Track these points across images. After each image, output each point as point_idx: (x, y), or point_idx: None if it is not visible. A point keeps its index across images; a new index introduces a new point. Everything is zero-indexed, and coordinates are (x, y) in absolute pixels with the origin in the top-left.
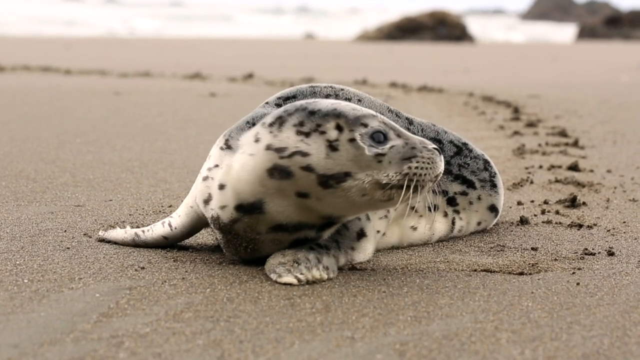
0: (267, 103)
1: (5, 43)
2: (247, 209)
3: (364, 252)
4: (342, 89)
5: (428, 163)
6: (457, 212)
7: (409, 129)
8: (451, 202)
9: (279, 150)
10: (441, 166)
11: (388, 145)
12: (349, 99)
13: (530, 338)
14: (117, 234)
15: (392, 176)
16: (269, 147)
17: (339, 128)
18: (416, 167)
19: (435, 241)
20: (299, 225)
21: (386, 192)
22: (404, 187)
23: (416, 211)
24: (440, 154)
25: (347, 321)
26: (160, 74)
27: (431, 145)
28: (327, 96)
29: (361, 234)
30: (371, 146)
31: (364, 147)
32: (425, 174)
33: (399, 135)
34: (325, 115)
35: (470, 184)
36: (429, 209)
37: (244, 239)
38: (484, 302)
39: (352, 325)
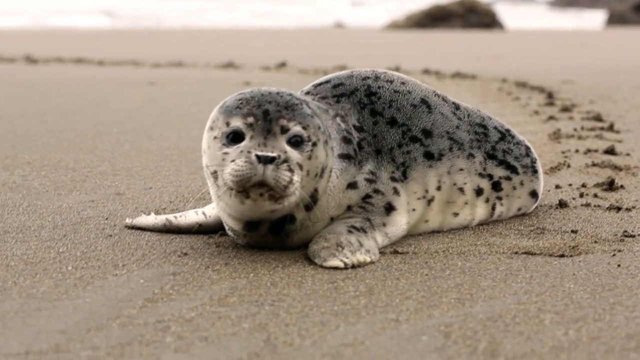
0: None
1: (36, 35)
2: None
3: (396, 225)
4: (385, 72)
5: (239, 169)
6: (500, 198)
7: (455, 114)
8: (496, 186)
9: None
10: (259, 172)
11: (234, 147)
12: (391, 81)
13: (574, 319)
14: (147, 220)
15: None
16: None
17: (218, 125)
18: (228, 172)
19: (474, 226)
20: (250, 223)
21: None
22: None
23: (463, 193)
24: (261, 162)
25: (391, 304)
26: (193, 63)
27: (256, 152)
28: (365, 79)
29: (389, 208)
30: (224, 145)
31: (219, 145)
32: (234, 180)
33: (252, 138)
34: (217, 111)
35: (514, 170)
36: (476, 193)
37: None
38: (527, 284)
39: (396, 307)
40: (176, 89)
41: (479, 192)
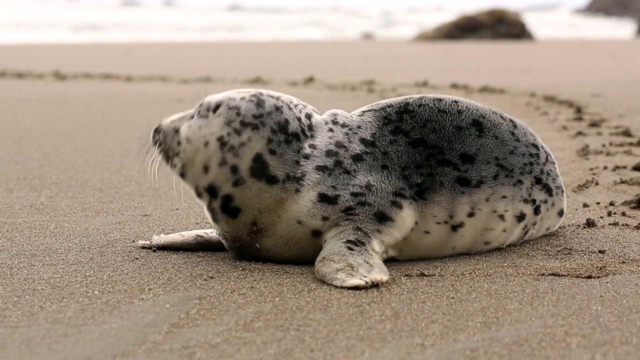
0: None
1: (64, 50)
2: None
3: (391, 236)
4: (439, 95)
5: None
6: (534, 223)
7: (513, 134)
8: (537, 210)
9: None
10: None
11: None
12: (439, 100)
13: (601, 342)
14: (174, 238)
15: None
16: None
17: None
18: None
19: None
20: None
21: None
22: None
23: (503, 220)
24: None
25: (416, 328)
26: (221, 79)
27: None
28: (409, 97)
29: (382, 217)
30: None
31: None
32: None
33: None
34: None
35: (550, 192)
36: (517, 219)
37: None
38: (553, 307)
39: (422, 332)
40: None
41: (520, 218)
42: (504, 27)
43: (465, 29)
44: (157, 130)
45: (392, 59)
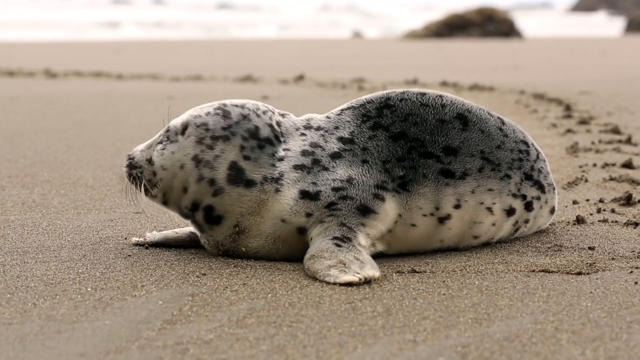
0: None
1: (55, 48)
2: None
3: (376, 228)
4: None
5: None
6: (527, 220)
7: (501, 130)
8: (528, 207)
9: None
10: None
11: None
12: (423, 94)
13: (591, 338)
14: (167, 234)
15: None
16: None
17: None
18: None
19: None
20: None
21: None
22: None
23: (492, 213)
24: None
25: (408, 324)
26: (212, 77)
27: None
28: (391, 92)
29: (365, 210)
30: None
31: None
32: None
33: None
34: None
35: (542, 188)
36: (506, 213)
37: None
38: (544, 303)
39: (414, 328)
40: (195, 103)
41: (510, 212)
42: (493, 25)
43: (455, 27)
44: (131, 166)
45: (382, 57)
